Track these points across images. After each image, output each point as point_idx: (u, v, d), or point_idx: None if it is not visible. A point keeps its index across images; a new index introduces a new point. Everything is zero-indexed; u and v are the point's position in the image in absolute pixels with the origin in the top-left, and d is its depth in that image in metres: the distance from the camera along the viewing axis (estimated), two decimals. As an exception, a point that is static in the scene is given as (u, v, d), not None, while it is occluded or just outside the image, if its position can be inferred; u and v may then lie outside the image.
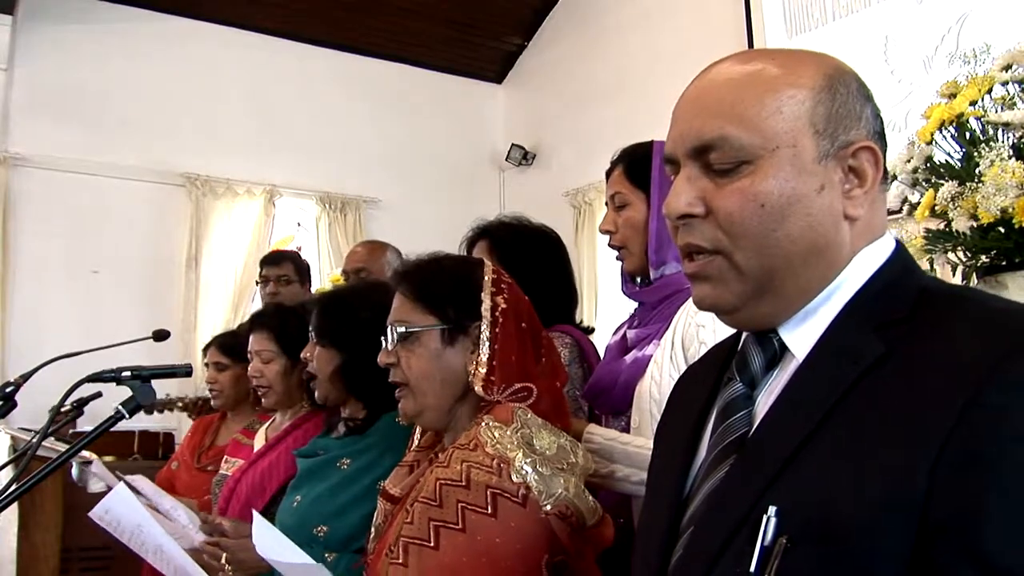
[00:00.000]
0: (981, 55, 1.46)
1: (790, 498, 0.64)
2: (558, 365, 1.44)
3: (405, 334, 1.32)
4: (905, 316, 0.69)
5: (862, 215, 0.74)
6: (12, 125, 4.88)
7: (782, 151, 0.73)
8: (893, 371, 0.65)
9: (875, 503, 0.60)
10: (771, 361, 0.77)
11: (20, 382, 1.68)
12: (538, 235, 1.99)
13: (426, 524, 1.15)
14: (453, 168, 6.27)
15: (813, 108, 0.74)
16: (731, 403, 0.77)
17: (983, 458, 0.58)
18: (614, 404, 1.61)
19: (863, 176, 0.74)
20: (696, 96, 0.78)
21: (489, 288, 1.33)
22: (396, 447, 1.60)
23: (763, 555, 0.63)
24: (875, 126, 0.76)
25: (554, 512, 1.16)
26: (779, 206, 0.73)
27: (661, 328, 1.54)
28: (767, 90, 0.74)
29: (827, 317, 0.73)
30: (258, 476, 1.98)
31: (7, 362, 4.59)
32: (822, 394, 0.67)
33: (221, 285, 5.29)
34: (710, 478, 0.74)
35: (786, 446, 0.67)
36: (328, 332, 1.73)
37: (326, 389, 1.75)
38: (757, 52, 0.81)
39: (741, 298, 0.76)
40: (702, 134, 0.75)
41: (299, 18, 5.67)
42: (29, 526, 2.89)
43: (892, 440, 0.62)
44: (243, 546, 1.71)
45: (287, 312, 2.25)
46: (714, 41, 4.82)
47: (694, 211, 0.75)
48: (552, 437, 1.24)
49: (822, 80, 0.75)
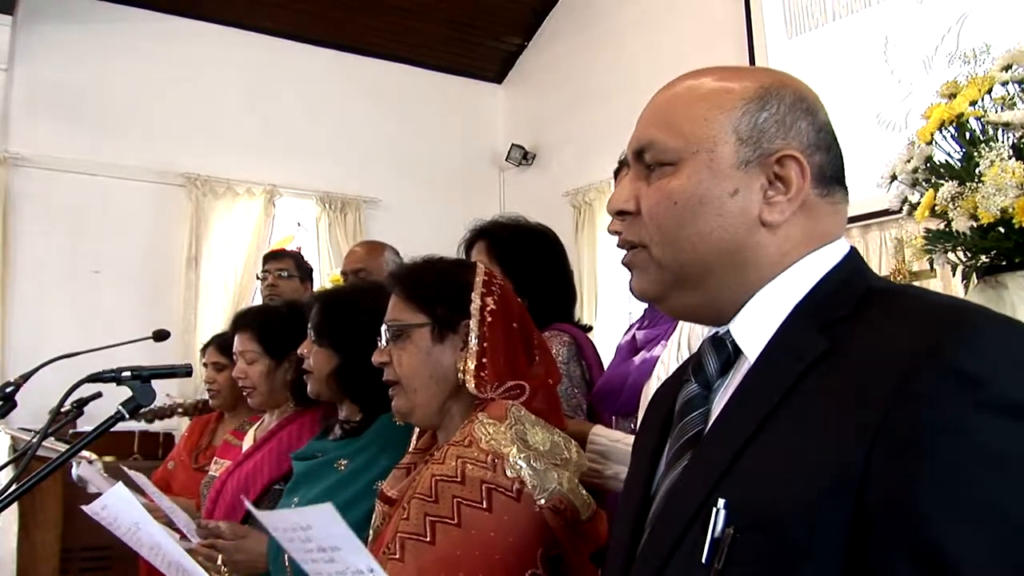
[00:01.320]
0: (981, 55, 1.46)
1: (738, 491, 0.67)
2: (552, 366, 1.46)
3: (397, 332, 1.35)
4: (848, 314, 0.72)
5: (783, 220, 0.78)
6: (12, 125, 4.89)
7: (700, 155, 0.78)
8: (833, 366, 0.68)
9: (812, 491, 0.63)
10: (726, 364, 0.80)
11: (20, 382, 1.68)
12: (536, 234, 2.00)
13: (422, 520, 1.16)
14: (453, 168, 6.27)
15: (739, 118, 0.78)
16: (688, 402, 0.81)
17: (913, 445, 0.60)
18: (623, 406, 1.61)
19: (788, 183, 0.78)
20: (647, 108, 0.85)
21: (480, 288, 1.35)
22: (393, 447, 1.60)
23: (713, 545, 0.66)
24: (814, 139, 0.79)
25: (548, 506, 1.17)
26: (691, 205, 0.78)
27: (669, 328, 1.54)
28: (698, 100, 0.80)
29: (777, 319, 0.76)
30: (244, 477, 1.98)
31: (7, 362, 4.60)
32: (768, 391, 0.71)
33: (221, 285, 5.29)
34: (669, 474, 0.78)
35: (735, 441, 0.70)
36: (327, 333, 1.73)
37: (320, 387, 1.76)
38: (710, 69, 0.85)
39: (661, 287, 0.82)
40: (640, 138, 0.83)
41: (299, 18, 5.68)
42: (29, 526, 2.89)
43: (830, 431, 0.64)
44: (239, 547, 1.71)
45: (270, 312, 2.25)
46: (714, 41, 4.82)
47: (627, 208, 0.82)
48: (545, 433, 1.25)
49: (753, 92, 0.80)
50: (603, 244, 5.36)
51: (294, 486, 1.77)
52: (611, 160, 1.70)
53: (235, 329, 2.19)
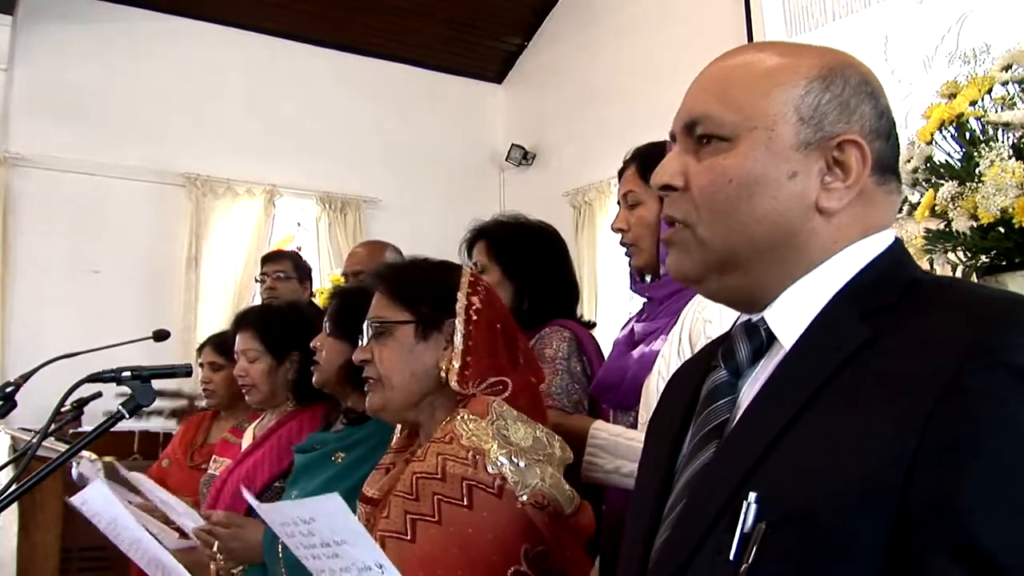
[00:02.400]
0: (981, 55, 1.46)
1: (771, 484, 0.64)
2: (535, 365, 1.46)
3: (380, 329, 1.35)
4: (892, 304, 0.69)
5: (840, 208, 0.74)
6: (12, 125, 4.88)
7: (759, 132, 0.74)
8: (876, 356, 0.65)
9: (854, 488, 0.60)
10: (758, 352, 0.77)
11: (20, 382, 1.68)
12: (536, 232, 2.00)
13: (402, 517, 1.16)
14: (453, 168, 6.27)
15: (802, 96, 0.75)
16: (715, 389, 0.78)
17: (963, 443, 0.57)
18: (622, 400, 1.61)
19: (847, 170, 0.74)
20: (700, 79, 0.81)
21: (465, 289, 1.36)
22: (388, 442, 1.61)
23: (742, 542, 0.62)
24: (875, 125, 0.76)
25: (530, 502, 1.17)
26: (746, 185, 0.74)
27: (669, 323, 1.54)
28: (760, 74, 0.76)
29: (816, 307, 0.73)
30: (244, 475, 1.98)
31: (7, 362, 4.59)
32: (805, 380, 0.67)
33: (221, 285, 5.29)
34: (692, 463, 0.75)
35: (768, 432, 0.67)
36: (342, 325, 1.75)
37: (327, 376, 1.78)
38: (769, 43, 0.82)
39: (703, 268, 0.78)
40: (692, 110, 0.78)
41: (299, 18, 5.67)
42: (29, 526, 2.89)
43: (872, 424, 0.61)
44: (234, 535, 1.73)
45: (272, 312, 2.28)
46: (714, 41, 4.81)
47: (675, 183, 0.78)
48: (528, 429, 1.25)
49: (818, 71, 0.76)
50: (603, 244, 5.36)
51: (294, 479, 1.80)
52: (611, 160, 1.70)
53: (237, 328, 2.20)
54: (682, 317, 1.47)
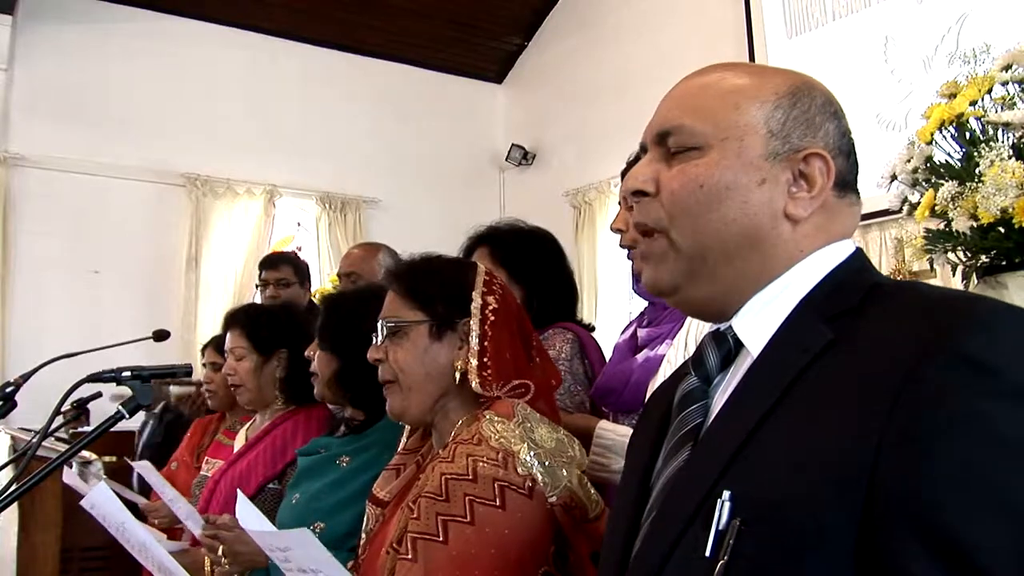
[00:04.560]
0: (981, 55, 1.46)
1: (744, 482, 0.66)
2: (550, 367, 1.46)
3: (394, 329, 1.34)
4: (855, 307, 0.72)
5: (805, 216, 0.78)
6: (12, 125, 4.89)
7: (730, 142, 0.78)
8: (840, 356, 0.68)
9: (821, 481, 0.62)
10: (726, 359, 0.80)
11: (20, 382, 1.68)
12: (535, 237, 2.01)
13: (434, 519, 1.15)
14: (453, 168, 6.27)
15: (771, 111, 0.79)
16: (687, 395, 0.81)
17: (924, 433, 0.60)
18: (624, 404, 1.61)
19: (812, 181, 0.78)
20: (672, 93, 0.85)
21: (480, 288, 1.35)
22: (395, 447, 1.60)
23: (717, 538, 0.65)
24: (837, 142, 0.80)
25: (559, 503, 1.17)
26: (717, 190, 0.77)
27: (673, 328, 1.54)
28: (731, 90, 0.80)
29: (781, 314, 0.76)
30: (237, 477, 1.98)
31: (7, 362, 4.60)
32: (773, 382, 0.70)
33: (221, 285, 5.29)
34: (667, 467, 0.77)
35: (740, 432, 0.69)
36: (328, 336, 1.74)
37: (323, 389, 1.77)
38: (738, 63, 0.86)
39: (676, 277, 0.80)
40: (664, 122, 0.82)
41: (299, 18, 5.68)
42: (29, 526, 2.88)
43: (838, 420, 0.64)
44: (240, 539, 1.72)
45: (260, 310, 2.28)
46: (714, 41, 4.82)
47: (646, 188, 0.81)
48: (550, 432, 1.25)
49: (786, 89, 0.80)
50: (603, 244, 5.36)
51: (296, 481, 1.79)
52: (611, 160, 1.70)
53: (226, 327, 2.21)
54: (687, 322, 1.47)
